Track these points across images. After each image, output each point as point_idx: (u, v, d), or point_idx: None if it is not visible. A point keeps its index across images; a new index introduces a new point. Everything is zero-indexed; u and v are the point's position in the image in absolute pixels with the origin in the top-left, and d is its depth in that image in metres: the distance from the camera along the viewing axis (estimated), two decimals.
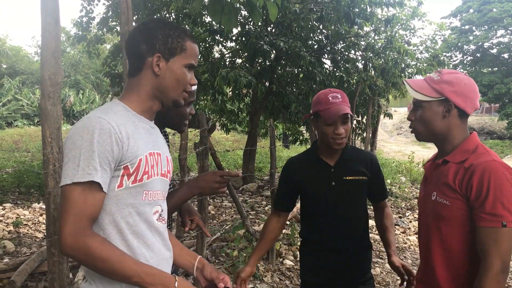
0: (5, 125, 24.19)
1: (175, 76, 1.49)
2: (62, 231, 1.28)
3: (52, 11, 2.56)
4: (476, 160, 1.68)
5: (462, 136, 1.81)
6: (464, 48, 35.96)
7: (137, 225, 1.43)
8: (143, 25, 1.53)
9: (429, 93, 1.78)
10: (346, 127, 2.27)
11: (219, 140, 20.87)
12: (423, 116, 1.82)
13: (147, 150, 1.46)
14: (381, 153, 19.52)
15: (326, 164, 2.37)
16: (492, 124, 34.86)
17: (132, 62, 1.52)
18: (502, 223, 1.57)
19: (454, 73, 1.79)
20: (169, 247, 1.60)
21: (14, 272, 4.26)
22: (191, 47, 1.53)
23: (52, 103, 2.58)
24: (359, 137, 11.33)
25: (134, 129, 1.43)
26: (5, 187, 8.95)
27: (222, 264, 5.03)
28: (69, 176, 1.29)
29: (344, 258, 2.35)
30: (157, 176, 1.50)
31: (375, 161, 2.43)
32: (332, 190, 2.34)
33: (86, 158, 1.29)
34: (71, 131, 1.37)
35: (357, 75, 9.97)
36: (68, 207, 1.29)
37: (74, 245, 1.27)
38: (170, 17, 9.68)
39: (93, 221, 1.34)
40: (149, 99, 1.51)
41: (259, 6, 3.12)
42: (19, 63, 34.99)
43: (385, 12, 9.87)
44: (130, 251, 1.40)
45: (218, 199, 9.18)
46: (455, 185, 1.70)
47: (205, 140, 3.91)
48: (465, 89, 1.75)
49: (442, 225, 1.76)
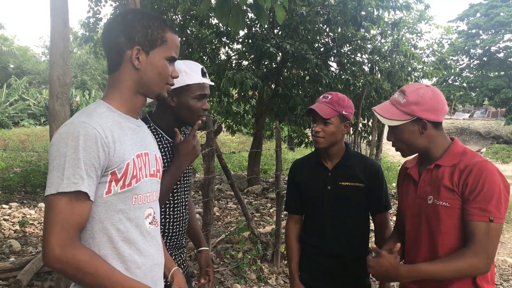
0: (12, 125, 24.30)
1: (157, 70, 1.44)
2: (48, 242, 1.22)
3: (61, 12, 2.58)
4: (470, 160, 1.76)
5: (445, 142, 1.89)
6: (471, 52, 35.80)
7: (128, 231, 1.38)
8: (121, 15, 1.45)
9: (400, 117, 1.84)
10: (325, 128, 2.26)
11: (224, 142, 20.87)
12: (402, 137, 1.88)
13: (134, 152, 1.41)
14: (387, 156, 19.47)
15: (324, 168, 2.38)
16: (498, 128, 34.67)
17: (110, 56, 1.45)
18: (490, 218, 1.66)
19: (417, 90, 1.83)
20: (161, 251, 1.57)
21: (20, 271, 4.28)
22: (172, 39, 1.47)
23: (60, 104, 2.60)
24: (365, 140, 11.31)
25: (120, 131, 1.38)
26: (12, 186, 8.99)
27: (227, 266, 5.03)
28: (54, 185, 1.23)
29: (340, 264, 2.35)
30: (146, 177, 1.46)
31: (374, 169, 2.37)
32: (328, 195, 2.34)
33: (71, 166, 1.23)
34: (55, 137, 1.30)
35: (363, 78, 9.95)
36: (55, 218, 1.23)
37: (62, 258, 1.22)
38: (177, 18, 9.71)
39: (80, 232, 1.29)
40: (132, 95, 1.46)
41: (266, 9, 3.12)
42: (26, 63, 35.17)
43: (392, 16, 9.85)
44: (121, 258, 1.37)
45: (223, 201, 9.18)
46: (452, 185, 1.76)
47: (211, 142, 3.92)
48: (432, 104, 1.81)
49: (441, 227, 1.79)
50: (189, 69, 1.88)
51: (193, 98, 1.89)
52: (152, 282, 1.48)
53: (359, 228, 2.39)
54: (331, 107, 2.25)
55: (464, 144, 2.01)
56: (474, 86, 35.57)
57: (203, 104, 1.93)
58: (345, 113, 2.28)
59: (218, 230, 6.53)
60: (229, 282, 4.64)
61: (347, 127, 2.33)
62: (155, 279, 1.51)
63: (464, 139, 30.74)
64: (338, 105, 2.26)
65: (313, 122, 2.31)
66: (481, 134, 33.73)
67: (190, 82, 1.87)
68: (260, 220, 7.48)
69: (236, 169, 13.91)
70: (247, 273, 4.91)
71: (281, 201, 5.38)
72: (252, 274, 4.94)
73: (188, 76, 1.85)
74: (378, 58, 9.52)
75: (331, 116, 2.24)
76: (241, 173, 12.94)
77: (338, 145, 2.35)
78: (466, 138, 31.63)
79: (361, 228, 2.41)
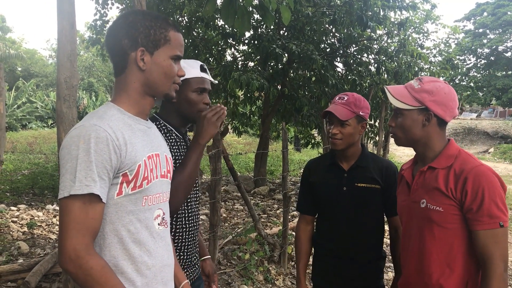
0: (19, 127, 24.47)
1: (162, 70, 1.44)
2: (64, 245, 1.23)
3: (68, 15, 2.59)
4: (464, 165, 1.72)
5: (442, 143, 1.84)
6: (478, 51, 35.68)
7: (138, 232, 1.39)
8: (122, 18, 1.44)
9: (410, 101, 1.80)
10: (342, 129, 2.23)
11: (230, 143, 20.89)
12: (403, 123, 1.83)
13: (145, 153, 1.41)
14: (394, 157, 19.39)
15: (340, 169, 2.35)
16: (506, 128, 34.40)
17: (115, 59, 1.45)
18: (499, 223, 1.63)
19: (434, 82, 1.80)
20: (171, 252, 1.57)
21: (28, 272, 4.30)
22: (175, 37, 1.46)
23: (68, 106, 2.60)
24: (372, 141, 11.28)
25: (131, 133, 1.39)
26: (20, 188, 9.04)
27: (234, 267, 5.03)
28: (67, 188, 1.24)
29: (355, 266, 2.31)
30: (157, 179, 1.46)
31: (391, 171, 2.34)
32: (343, 196, 2.30)
33: (83, 168, 1.23)
34: (66, 140, 1.30)
35: (370, 78, 9.92)
36: (69, 222, 1.23)
37: (77, 262, 1.23)
38: (183, 20, 9.74)
39: (95, 237, 1.30)
40: (140, 97, 1.46)
41: (271, 10, 3.11)
42: (34, 66, 35.45)
43: (398, 15, 9.82)
44: (131, 260, 1.37)
45: (229, 202, 9.19)
46: (447, 191, 1.71)
47: (218, 143, 3.92)
48: (445, 99, 1.77)
49: (436, 232, 1.76)
50: (188, 64, 1.90)
51: (193, 92, 1.91)
52: (162, 282, 1.49)
53: (374, 230, 2.36)
54: (348, 108, 2.22)
55: (472, 144, 1.98)
56: (481, 85, 35.44)
57: (203, 98, 1.94)
58: (362, 114, 2.25)
59: (225, 232, 6.53)
60: (236, 283, 4.64)
61: (364, 127, 2.30)
62: (165, 279, 1.51)
63: (472, 139, 30.49)
64: (355, 106, 2.23)
65: (330, 123, 2.28)
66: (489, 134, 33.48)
67: (189, 76, 1.88)
68: (267, 221, 7.47)
69: (242, 170, 13.90)
70: (254, 274, 4.90)
71: (288, 202, 5.37)
72: (259, 275, 4.94)
73: (186, 70, 1.85)
74: (385, 58, 9.48)
75: (348, 117, 2.21)
76: (248, 174, 12.94)
77: (355, 146, 2.32)
78: (473, 138, 31.40)
79: (376, 230, 2.38)
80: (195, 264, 2.06)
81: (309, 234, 2.50)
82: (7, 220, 6.69)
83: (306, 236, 2.49)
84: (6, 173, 10.34)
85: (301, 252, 2.49)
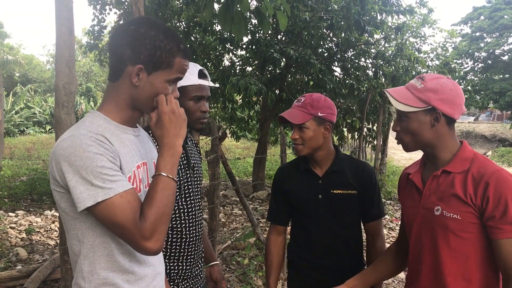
0: (17, 133, 24.43)
1: (155, 91, 1.36)
2: (136, 242, 1.24)
3: (66, 21, 2.60)
4: (483, 169, 1.59)
5: (454, 144, 1.71)
6: (475, 55, 35.82)
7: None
8: (133, 26, 1.35)
9: (414, 103, 1.66)
10: (301, 134, 2.10)
11: (229, 148, 20.87)
12: (410, 127, 1.69)
13: (134, 163, 1.39)
14: (392, 160, 19.41)
15: (314, 175, 2.21)
16: (504, 131, 34.49)
17: (113, 64, 1.38)
18: None
19: (437, 78, 1.68)
20: (161, 260, 1.56)
21: (27, 279, 4.29)
22: (180, 64, 1.38)
23: (66, 112, 2.61)
24: (370, 145, 11.29)
25: (119, 144, 1.35)
26: (18, 194, 9.03)
27: (233, 272, 5.02)
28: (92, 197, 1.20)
29: (334, 275, 2.14)
30: (146, 188, 1.43)
31: (367, 174, 2.20)
32: (319, 204, 2.16)
33: (97, 176, 1.21)
34: (61, 154, 1.24)
35: (368, 82, 9.95)
36: (123, 218, 1.22)
37: (156, 244, 1.25)
38: (181, 25, 9.75)
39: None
40: (129, 108, 1.40)
41: (268, 16, 3.12)
42: (32, 71, 35.41)
43: (396, 20, 9.86)
44: (122, 271, 1.35)
45: (228, 207, 9.18)
46: (466, 197, 1.58)
47: (216, 148, 3.93)
48: (451, 96, 1.64)
49: (451, 242, 1.63)
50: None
51: (190, 100, 1.84)
52: None
53: (353, 238, 2.24)
54: (303, 110, 2.09)
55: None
56: (479, 89, 35.55)
57: (201, 105, 1.88)
58: (321, 115, 2.09)
59: (224, 236, 6.53)
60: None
61: (328, 129, 2.13)
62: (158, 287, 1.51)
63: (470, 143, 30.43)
64: (311, 107, 2.09)
65: (291, 128, 2.16)
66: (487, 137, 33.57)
67: (185, 84, 1.82)
68: (265, 226, 7.46)
69: (241, 175, 13.90)
70: (254, 279, 4.90)
71: None
72: (258, 280, 4.93)
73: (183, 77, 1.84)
74: (382, 62, 9.51)
75: (304, 120, 2.08)
76: (246, 179, 12.94)
77: (324, 150, 2.17)
78: (471, 142, 31.47)
79: (355, 238, 2.25)
80: (197, 275, 2.00)
81: (281, 245, 2.37)
82: (5, 226, 6.67)
83: (277, 248, 2.35)
84: (4, 179, 10.33)
85: (271, 266, 2.33)
